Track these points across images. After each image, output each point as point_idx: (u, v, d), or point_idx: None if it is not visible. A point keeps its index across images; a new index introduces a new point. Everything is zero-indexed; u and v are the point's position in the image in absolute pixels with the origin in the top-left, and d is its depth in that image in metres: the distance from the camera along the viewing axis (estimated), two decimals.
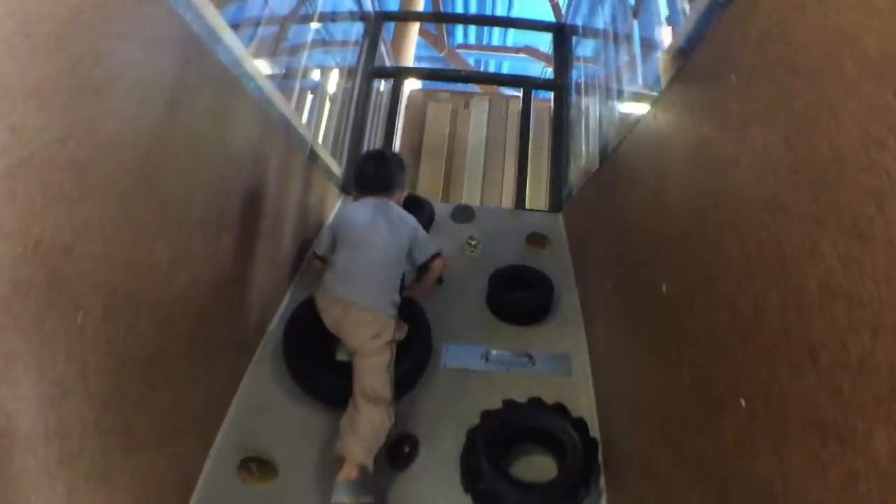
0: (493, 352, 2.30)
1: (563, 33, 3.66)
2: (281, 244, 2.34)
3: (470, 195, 4.69)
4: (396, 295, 2.02)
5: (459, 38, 8.10)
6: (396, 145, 3.78)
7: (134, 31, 1.10)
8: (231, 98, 1.64)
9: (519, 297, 2.52)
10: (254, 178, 1.95)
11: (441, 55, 6.71)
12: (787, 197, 0.85)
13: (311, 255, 2.49)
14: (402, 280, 2.12)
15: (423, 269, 2.20)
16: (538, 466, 1.89)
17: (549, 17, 6.57)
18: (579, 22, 3.45)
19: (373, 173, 2.22)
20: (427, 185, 4.64)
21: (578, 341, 2.37)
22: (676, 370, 1.31)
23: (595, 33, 3.08)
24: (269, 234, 2.15)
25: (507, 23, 4.55)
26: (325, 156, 2.84)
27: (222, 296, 1.79)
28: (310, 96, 3.14)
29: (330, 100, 3.37)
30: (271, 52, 2.71)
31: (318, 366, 2.05)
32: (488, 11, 6.80)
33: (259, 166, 1.99)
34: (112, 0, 1.02)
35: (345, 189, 3.23)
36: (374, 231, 2.04)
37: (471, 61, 7.42)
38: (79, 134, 0.98)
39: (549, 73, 8.78)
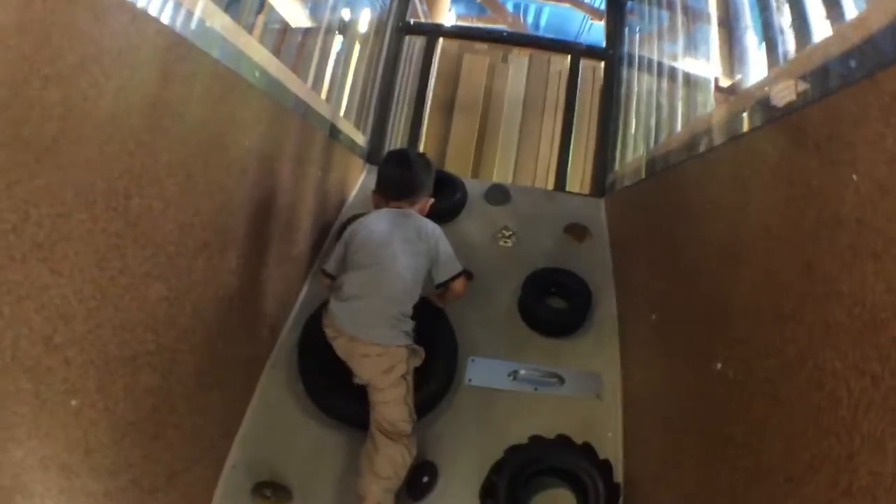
0: (522, 371, 2.17)
1: None
2: (296, 239, 2.16)
3: (504, 159, 4.43)
4: (410, 322, 1.82)
5: None
6: (427, 106, 3.49)
7: (94, 55, 0.89)
8: (230, 96, 1.42)
9: (554, 309, 2.36)
10: (263, 178, 1.75)
11: (478, 1, 6.25)
12: (877, 368, 0.75)
13: (317, 269, 2.27)
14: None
15: (441, 285, 1.98)
16: (557, 502, 1.83)
17: None
18: None
19: (396, 178, 1.98)
20: (458, 144, 4.37)
21: (612, 359, 2.24)
22: (716, 466, 1.22)
23: (658, 1, 2.75)
24: (282, 232, 1.98)
25: None
26: (349, 128, 2.60)
27: (230, 317, 1.64)
28: (338, 37, 2.87)
29: (360, 42, 3.09)
30: None
31: (335, 387, 1.91)
32: None
33: (269, 163, 1.78)
34: (56, 27, 0.80)
35: (370, 158, 3.01)
36: (387, 252, 1.80)
37: (509, 6, 6.92)
38: (38, 210, 0.80)
39: (590, 25, 8.29)
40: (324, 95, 2.53)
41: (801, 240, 1.04)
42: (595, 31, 8.29)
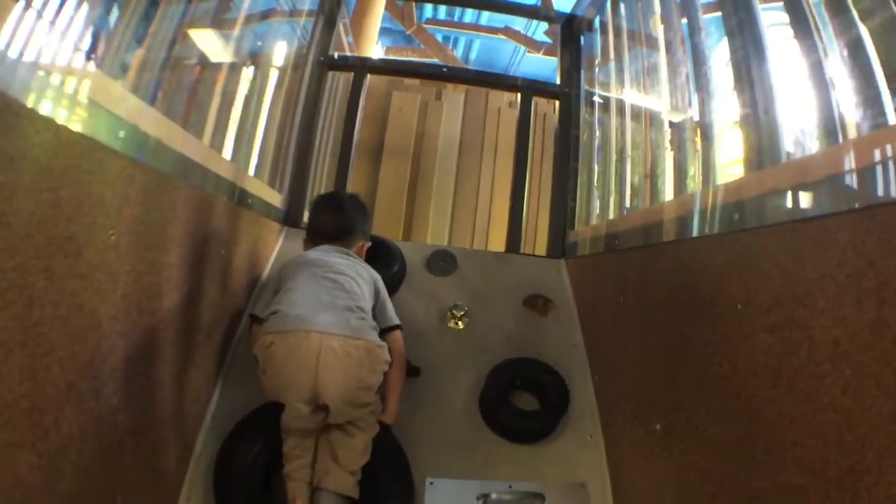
0: (493, 494, 1.82)
1: (571, 27, 3.04)
2: (198, 339, 1.72)
3: (439, 211, 4.08)
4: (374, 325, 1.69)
5: (428, 13, 7.34)
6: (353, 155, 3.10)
7: None
8: (79, 171, 1.03)
9: (526, 413, 2.02)
10: (142, 276, 1.32)
11: (408, 32, 5.93)
12: None
13: (247, 323, 1.94)
14: None
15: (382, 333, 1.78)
16: None
17: None
18: (597, 15, 2.85)
19: (326, 220, 1.92)
20: (387, 198, 3.99)
21: (596, 464, 1.95)
22: None
23: (631, 37, 2.50)
24: (178, 338, 1.55)
25: (508, 9, 3.86)
26: (260, 188, 2.17)
27: (125, 462, 1.29)
28: (246, 74, 2.45)
29: (274, 79, 2.69)
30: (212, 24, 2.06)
31: None
32: None
33: (149, 254, 1.36)
34: None
35: (288, 220, 2.59)
36: (328, 265, 1.70)
37: (438, 37, 6.69)
38: None
39: (522, 56, 8.24)
40: (228, 150, 2.11)
41: None
42: (528, 63, 8.24)
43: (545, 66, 7.67)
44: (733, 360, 1.23)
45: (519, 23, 6.75)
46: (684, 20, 2.07)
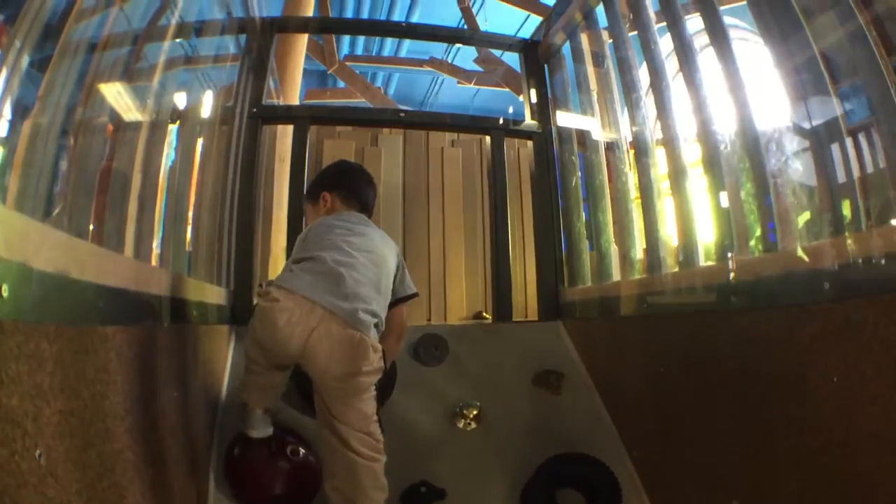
0: None
1: (534, 55, 2.69)
2: None
3: None
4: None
5: (346, 49, 6.86)
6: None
7: None
8: None
9: None
10: (94, 495, 0.86)
11: (330, 71, 5.41)
12: None
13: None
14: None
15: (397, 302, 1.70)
16: None
17: (454, 21, 5.78)
18: (567, 39, 2.51)
19: (364, 188, 1.87)
20: None
21: None
22: None
23: (624, 64, 2.18)
24: None
25: (466, 39, 3.48)
26: (201, 290, 1.65)
27: None
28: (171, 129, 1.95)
29: (204, 139, 2.19)
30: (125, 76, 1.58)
31: None
32: (383, 16, 5.64)
33: (91, 461, 0.88)
34: None
35: (235, 318, 2.07)
36: (360, 234, 1.64)
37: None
38: None
39: (440, 87, 7.94)
40: (156, 246, 1.61)
41: None
42: (447, 94, 7.93)
43: (464, 95, 7.40)
44: (830, 432, 1.14)
45: (440, 52, 6.40)
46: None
